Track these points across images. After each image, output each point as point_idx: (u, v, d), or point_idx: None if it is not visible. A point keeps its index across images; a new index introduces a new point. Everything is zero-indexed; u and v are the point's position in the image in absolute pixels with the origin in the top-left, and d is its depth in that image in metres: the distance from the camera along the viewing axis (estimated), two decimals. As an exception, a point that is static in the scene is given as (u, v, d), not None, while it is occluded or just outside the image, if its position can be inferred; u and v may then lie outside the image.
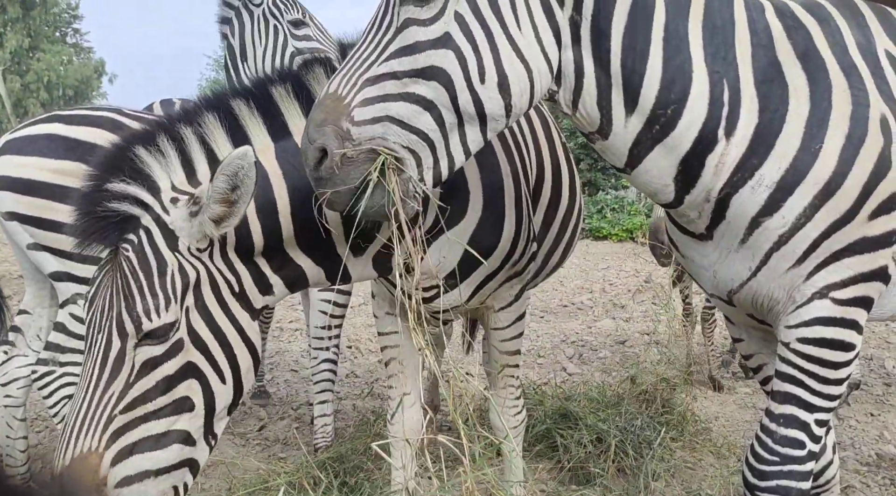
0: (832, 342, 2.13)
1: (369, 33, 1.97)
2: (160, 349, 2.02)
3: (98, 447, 1.96)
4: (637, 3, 1.99)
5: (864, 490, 3.73)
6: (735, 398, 5.33)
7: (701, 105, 2.02)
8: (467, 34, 1.91)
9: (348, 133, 1.88)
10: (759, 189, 2.06)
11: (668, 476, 3.75)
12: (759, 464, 2.27)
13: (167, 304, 2.01)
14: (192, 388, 2.08)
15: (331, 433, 4.06)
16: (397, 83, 1.91)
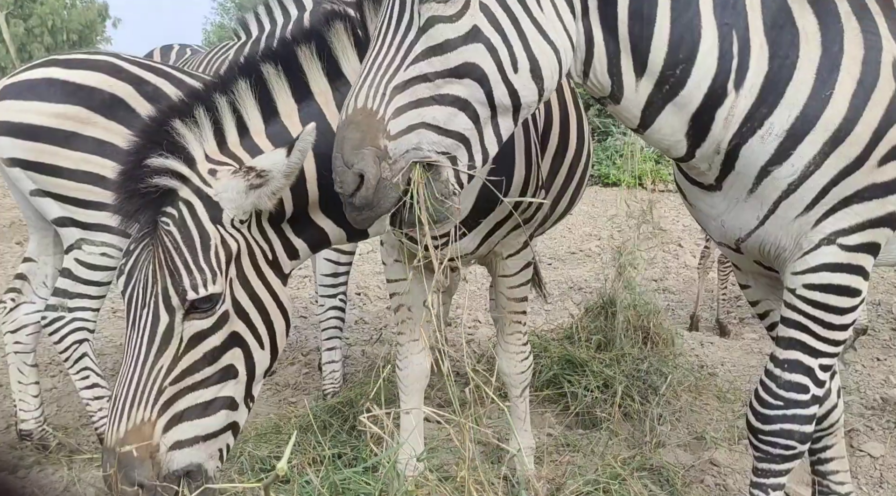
0: (838, 288, 2.13)
1: (386, 36, 1.87)
2: (208, 322, 2.06)
3: (151, 417, 2.01)
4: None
5: (868, 433, 3.77)
6: (741, 344, 5.36)
7: (710, 61, 1.99)
8: (494, 24, 1.85)
9: (386, 151, 1.81)
10: (769, 138, 2.03)
11: (673, 420, 3.80)
12: (764, 408, 2.29)
13: (213, 277, 2.04)
14: (236, 356, 2.13)
15: (339, 379, 4.12)
16: (430, 86, 1.83)
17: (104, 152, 3.05)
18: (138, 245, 2.10)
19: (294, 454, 3.04)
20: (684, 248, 8.73)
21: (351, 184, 1.82)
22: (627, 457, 3.30)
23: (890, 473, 3.37)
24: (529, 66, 1.88)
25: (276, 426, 3.49)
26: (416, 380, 3.00)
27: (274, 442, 3.30)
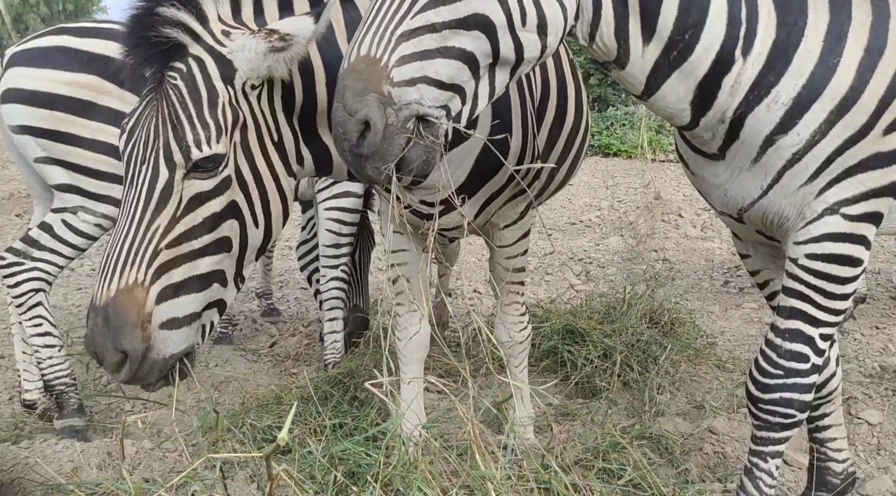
0: (841, 257, 2.13)
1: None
2: (209, 184, 2.02)
3: (144, 281, 1.96)
4: None
5: (867, 401, 3.79)
6: (740, 313, 5.37)
7: (718, 26, 1.97)
8: None
9: (390, 97, 1.75)
10: (775, 106, 2.01)
11: (672, 389, 3.82)
12: (763, 377, 2.30)
13: (218, 135, 2.00)
14: (233, 229, 2.10)
15: (340, 349, 4.14)
16: (436, 37, 1.78)
17: (119, 122, 3.05)
18: (142, 102, 2.06)
19: (295, 424, 3.06)
20: (685, 219, 8.73)
21: (354, 131, 1.75)
22: (627, 426, 3.32)
23: (887, 440, 3.39)
24: (537, 20, 1.85)
25: (278, 397, 3.51)
26: (415, 351, 3.01)
27: (275, 412, 3.31)
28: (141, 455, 3.14)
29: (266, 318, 5.33)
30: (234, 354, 4.53)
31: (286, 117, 2.20)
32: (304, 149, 2.27)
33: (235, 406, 3.56)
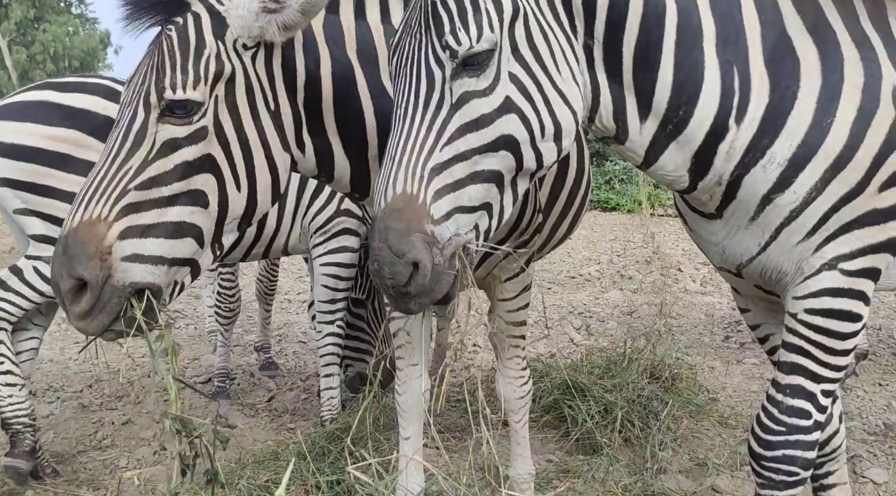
0: (840, 313, 2.13)
1: (414, 115, 1.84)
2: (182, 131, 2.04)
3: (108, 217, 1.98)
4: (648, 15, 1.97)
5: (872, 459, 3.75)
6: (742, 369, 5.33)
7: (712, 100, 2.02)
8: (524, 92, 1.88)
9: (433, 236, 1.78)
10: (771, 167, 2.05)
11: (674, 445, 3.77)
12: (766, 433, 2.28)
13: (196, 83, 2.03)
14: (209, 185, 2.09)
15: (337, 405, 4.08)
16: (466, 164, 1.83)
17: None
18: (145, 55, 2.10)
19: (292, 481, 3.01)
20: (684, 273, 8.74)
21: (404, 274, 1.76)
22: (629, 484, 3.27)
23: (893, 500, 3.34)
24: (553, 130, 1.91)
25: (275, 452, 3.47)
26: (414, 406, 2.98)
27: (272, 468, 3.27)
28: (135, 512, 3.09)
29: (264, 372, 5.29)
30: (231, 409, 4.48)
31: (288, 93, 2.21)
32: (307, 136, 2.27)
33: (232, 462, 3.51)
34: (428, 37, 1.85)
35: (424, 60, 1.85)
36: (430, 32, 1.85)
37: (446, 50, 1.81)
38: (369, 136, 2.31)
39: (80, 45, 35.25)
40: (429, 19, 1.85)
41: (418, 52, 1.87)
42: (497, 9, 1.85)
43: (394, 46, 1.98)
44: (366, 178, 2.39)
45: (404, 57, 1.90)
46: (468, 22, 1.81)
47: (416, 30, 1.89)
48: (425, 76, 1.84)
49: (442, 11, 1.84)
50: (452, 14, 1.83)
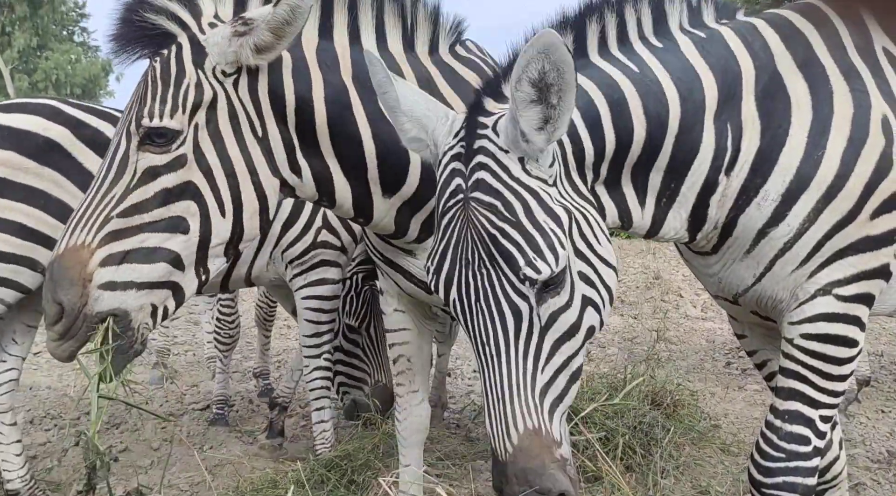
0: (835, 338, 2.14)
1: (508, 349, 1.77)
2: (161, 159, 2.06)
3: (91, 243, 2.02)
4: (652, 136, 2.00)
5: (875, 487, 3.71)
6: (744, 395, 5.31)
7: (704, 165, 2.07)
8: (590, 283, 1.87)
9: (563, 459, 1.78)
10: (766, 204, 2.09)
11: (676, 473, 3.74)
12: (765, 460, 2.26)
13: (173, 111, 2.06)
14: (190, 210, 2.10)
15: (330, 438, 4.01)
16: (564, 373, 1.84)
17: (34, 200, 3.03)
18: (136, 87, 2.15)
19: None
20: (684, 299, 8.72)
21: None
22: (630, 512, 3.24)
23: (898, 528, 3.31)
24: (609, 297, 1.92)
25: (273, 480, 3.44)
26: (415, 433, 2.97)
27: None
28: (133, 541, 3.05)
29: (263, 399, 5.26)
30: (229, 436, 4.46)
31: (277, 118, 2.21)
32: (303, 160, 2.27)
33: (230, 491, 3.48)
34: (497, 271, 1.74)
35: (504, 296, 1.74)
36: (497, 267, 1.74)
37: (526, 281, 1.72)
38: (368, 160, 2.32)
39: (82, 72, 35.54)
40: (493, 254, 1.74)
41: (491, 287, 1.75)
42: (558, 225, 1.78)
43: (444, 277, 1.84)
44: (369, 202, 2.39)
45: (472, 293, 1.78)
46: (541, 249, 1.72)
47: (478, 264, 1.76)
48: (509, 310, 1.74)
49: (508, 245, 1.73)
50: (521, 245, 1.72)
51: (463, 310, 1.81)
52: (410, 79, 2.37)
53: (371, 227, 2.51)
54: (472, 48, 2.77)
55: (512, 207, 1.74)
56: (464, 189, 1.80)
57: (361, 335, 4.34)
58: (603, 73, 1.98)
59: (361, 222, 2.47)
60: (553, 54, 1.64)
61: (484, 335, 1.77)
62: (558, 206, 1.80)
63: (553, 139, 1.76)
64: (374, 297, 4.27)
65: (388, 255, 2.67)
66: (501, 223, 1.73)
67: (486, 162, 1.79)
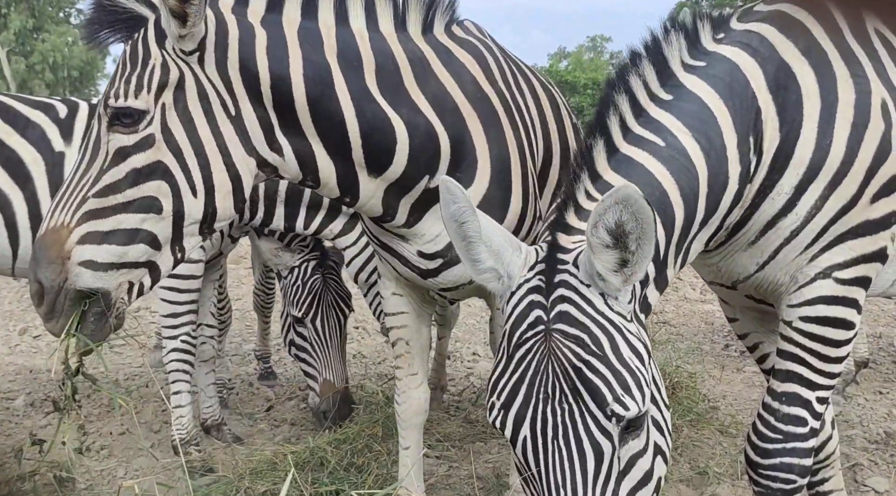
0: (834, 320, 2.16)
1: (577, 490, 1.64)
2: (129, 139, 2.09)
3: (70, 223, 2.07)
4: (685, 224, 1.95)
5: (872, 468, 3.73)
6: (742, 377, 5.33)
7: (732, 191, 2.02)
8: (659, 429, 1.78)
9: None
10: (779, 198, 2.09)
11: (675, 454, 3.76)
12: (762, 441, 2.28)
13: (138, 91, 2.08)
14: (161, 191, 2.12)
15: (187, 424, 3.83)
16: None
17: None
18: None
19: (292, 489, 3.00)
20: (683, 281, 8.72)
21: None
22: (629, 493, 3.25)
23: (895, 508, 3.33)
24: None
25: (272, 463, 3.45)
26: (414, 415, 2.98)
27: (271, 479, 3.26)
28: (133, 523, 3.07)
29: (263, 382, 5.28)
30: (229, 419, 4.47)
31: (251, 96, 2.20)
32: (283, 139, 2.26)
33: (230, 473, 3.49)
34: (582, 406, 1.62)
35: (586, 433, 1.62)
36: (582, 401, 1.62)
37: (612, 419, 1.61)
38: (352, 139, 2.30)
39: (79, 55, 35.37)
40: (577, 387, 1.63)
41: (573, 424, 1.63)
42: (642, 363, 1.69)
43: (516, 411, 1.70)
44: (354, 182, 2.38)
45: (549, 430, 1.65)
46: (629, 386, 1.62)
47: (559, 399, 1.64)
48: (591, 449, 1.62)
49: (594, 378, 1.62)
50: (609, 380, 1.62)
51: (535, 450, 1.66)
52: (402, 60, 2.36)
53: (358, 209, 2.50)
54: (471, 29, 2.75)
55: (599, 341, 1.65)
56: (545, 321, 1.69)
57: (307, 328, 4.09)
58: (640, 169, 1.89)
59: (348, 202, 2.46)
60: (632, 206, 1.57)
61: (560, 477, 1.63)
62: (640, 344, 1.72)
63: (630, 282, 1.68)
64: (324, 288, 4.11)
65: (384, 240, 2.67)
66: (588, 356, 1.63)
67: (569, 295, 1.70)
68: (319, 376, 4.06)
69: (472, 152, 2.49)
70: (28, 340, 6.37)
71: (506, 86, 2.66)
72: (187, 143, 2.14)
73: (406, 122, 2.33)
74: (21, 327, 6.67)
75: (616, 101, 1.98)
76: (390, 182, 2.40)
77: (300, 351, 4.14)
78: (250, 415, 4.63)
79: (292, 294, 4.10)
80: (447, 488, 3.42)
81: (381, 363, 5.64)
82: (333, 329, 4.11)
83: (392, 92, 2.33)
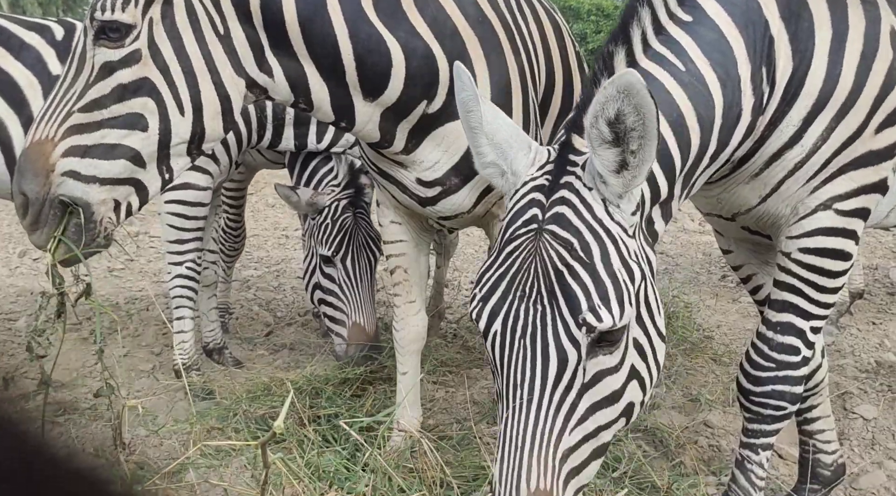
0: (832, 251, 2.17)
1: (541, 397, 1.64)
2: (116, 54, 2.08)
3: (53, 137, 2.08)
4: (699, 152, 1.90)
5: (862, 396, 3.80)
6: (737, 307, 5.37)
7: (744, 122, 1.97)
8: (642, 355, 1.75)
9: None
10: (787, 129, 2.06)
11: (668, 382, 3.82)
12: (755, 370, 2.32)
13: (125, 5, 2.06)
14: (148, 107, 2.12)
15: (189, 349, 3.84)
16: (592, 442, 1.70)
17: None
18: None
19: (289, 415, 3.06)
20: (682, 212, 8.72)
21: None
22: (622, 419, 3.32)
23: (882, 435, 3.40)
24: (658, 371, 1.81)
25: (272, 387, 3.50)
26: (412, 342, 3.01)
27: (269, 403, 3.32)
28: (136, 442, 3.14)
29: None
30: (229, 343, 4.52)
31: (239, 15, 2.17)
32: (273, 60, 2.23)
33: (228, 398, 3.55)
34: (555, 310, 1.60)
35: (553, 337, 1.60)
36: (556, 305, 1.60)
37: (583, 327, 1.59)
38: (345, 61, 2.26)
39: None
40: (554, 290, 1.61)
41: (542, 326, 1.62)
42: (631, 280, 1.65)
43: (492, 306, 1.69)
44: (349, 106, 2.35)
45: (518, 327, 1.64)
46: (609, 298, 1.59)
47: (535, 299, 1.62)
48: (556, 355, 1.60)
49: (573, 284, 1.59)
50: (588, 288, 1.59)
51: (503, 346, 1.66)
52: None
53: (355, 133, 2.47)
54: None
55: (588, 248, 1.62)
56: (539, 220, 1.67)
57: (337, 268, 3.90)
58: (659, 86, 1.84)
59: (344, 127, 2.43)
60: (634, 97, 1.52)
61: (519, 376, 1.63)
62: (634, 261, 1.68)
63: (631, 186, 1.64)
64: (355, 226, 3.93)
65: (382, 167, 2.65)
66: (573, 261, 1.60)
67: (568, 197, 1.66)
68: (348, 320, 3.85)
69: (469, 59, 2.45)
70: (28, 262, 6.40)
71: (508, 10, 2.61)
72: (175, 59, 2.11)
73: (403, 45, 2.28)
74: (21, 250, 6.69)
75: (639, 13, 1.92)
76: (386, 107, 2.37)
77: (327, 294, 3.92)
78: (250, 340, 4.69)
79: (321, 233, 3.89)
80: (444, 412, 3.49)
81: (380, 290, 5.68)
82: (364, 271, 3.93)
83: (389, 14, 2.28)
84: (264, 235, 7.36)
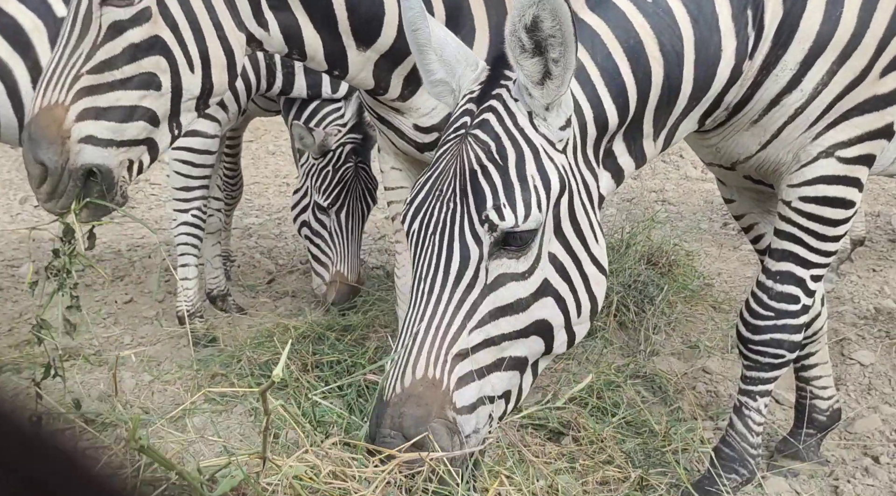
0: (834, 200, 2.14)
1: (441, 292, 1.67)
2: (125, 13, 2.06)
3: (64, 101, 2.05)
4: (666, 87, 1.89)
5: (860, 342, 3.83)
6: (738, 255, 5.37)
7: (727, 67, 1.93)
8: (563, 274, 1.74)
9: (455, 422, 1.65)
10: (783, 74, 2.01)
11: (668, 329, 3.85)
12: (754, 318, 2.33)
13: None
14: (160, 66, 2.12)
15: (193, 296, 3.86)
16: (494, 350, 1.69)
17: None
18: None
19: (292, 360, 3.09)
20: (685, 159, 8.67)
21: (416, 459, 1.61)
22: (621, 365, 3.36)
23: (878, 381, 3.43)
24: (590, 307, 1.83)
25: (270, 333, 3.53)
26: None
27: (272, 349, 3.34)
28: (140, 388, 3.18)
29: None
30: (231, 290, 4.54)
31: None
32: (269, 13, 2.23)
33: (229, 344, 3.58)
34: (464, 207, 1.65)
35: (459, 234, 1.66)
36: (466, 202, 1.65)
37: (485, 224, 1.63)
38: (337, 11, 2.24)
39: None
40: (466, 188, 1.65)
41: (450, 222, 1.67)
42: (545, 186, 1.67)
43: (415, 206, 1.76)
44: (342, 55, 2.34)
45: (431, 224, 1.70)
46: (515, 199, 1.63)
47: (449, 196, 1.68)
48: (458, 251, 1.65)
49: (483, 182, 1.64)
50: (496, 187, 1.64)
51: (417, 241, 1.73)
52: None
53: (349, 81, 2.48)
54: None
55: (504, 151, 1.67)
56: (467, 126, 1.74)
57: (330, 218, 3.96)
58: (618, 12, 1.82)
59: (337, 75, 2.43)
60: (549, 2, 1.55)
61: (425, 269, 1.69)
62: (555, 171, 1.70)
63: (556, 96, 1.66)
64: (354, 178, 3.95)
65: (381, 113, 2.63)
66: (487, 162, 1.66)
67: (495, 106, 1.73)
68: (332, 266, 3.97)
69: (470, 21, 2.42)
70: (29, 209, 6.39)
71: None
72: (182, 16, 2.09)
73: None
74: (22, 196, 6.67)
75: None
76: (380, 54, 2.36)
77: (315, 235, 4.02)
78: (252, 287, 4.71)
79: (320, 179, 3.90)
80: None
81: (381, 239, 5.68)
82: (357, 222, 3.99)
83: None
84: (265, 183, 7.33)
